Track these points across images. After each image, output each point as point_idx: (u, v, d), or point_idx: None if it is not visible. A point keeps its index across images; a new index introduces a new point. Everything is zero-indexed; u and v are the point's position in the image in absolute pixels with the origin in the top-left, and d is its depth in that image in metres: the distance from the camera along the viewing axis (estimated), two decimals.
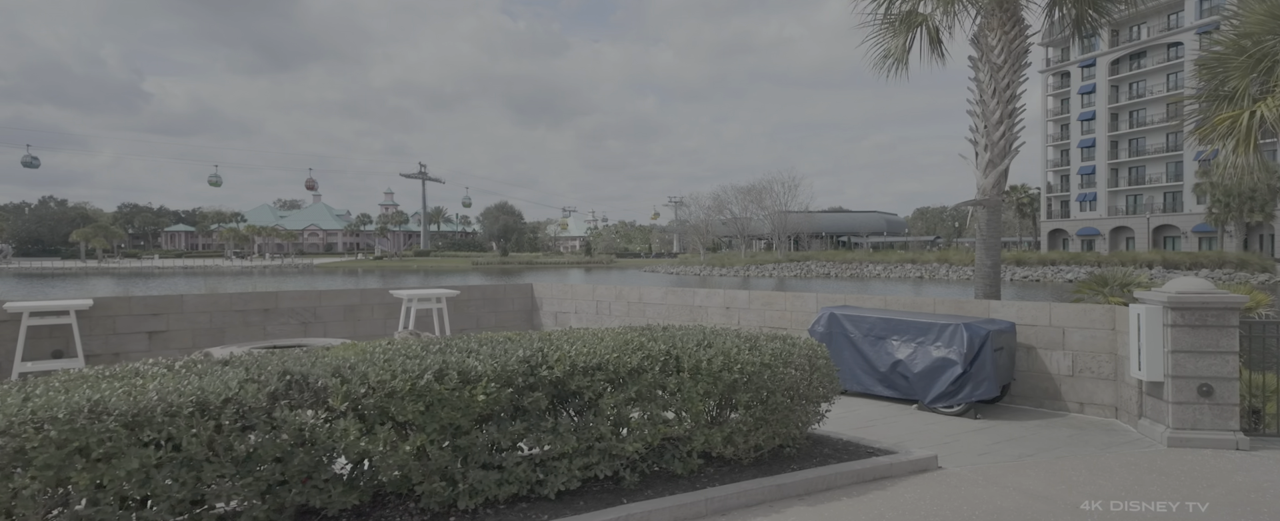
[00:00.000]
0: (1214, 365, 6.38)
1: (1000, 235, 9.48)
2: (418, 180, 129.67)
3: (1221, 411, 6.38)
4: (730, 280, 71.22)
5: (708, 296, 10.47)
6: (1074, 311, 7.64)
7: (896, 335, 7.92)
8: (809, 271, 74.78)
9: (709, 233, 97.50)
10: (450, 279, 73.77)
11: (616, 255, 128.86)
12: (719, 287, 10.33)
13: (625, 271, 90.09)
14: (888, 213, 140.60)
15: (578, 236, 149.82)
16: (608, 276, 79.48)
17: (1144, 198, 76.04)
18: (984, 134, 9.36)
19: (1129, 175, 77.60)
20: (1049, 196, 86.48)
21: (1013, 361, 7.86)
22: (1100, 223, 78.80)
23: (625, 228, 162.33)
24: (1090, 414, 7.53)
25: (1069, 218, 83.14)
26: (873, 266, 73.43)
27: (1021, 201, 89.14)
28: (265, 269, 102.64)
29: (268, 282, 72.15)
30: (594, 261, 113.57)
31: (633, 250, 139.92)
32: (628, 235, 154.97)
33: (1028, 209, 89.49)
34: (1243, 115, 7.52)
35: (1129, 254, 65.34)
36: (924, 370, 7.59)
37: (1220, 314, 6.36)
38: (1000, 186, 9.33)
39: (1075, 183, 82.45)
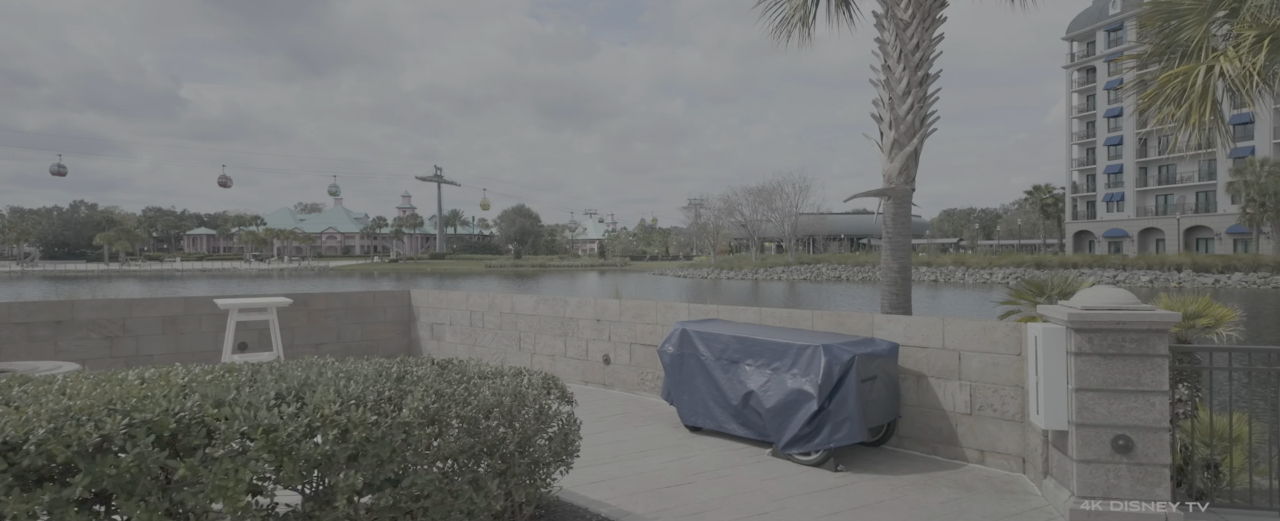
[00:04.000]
0: (1134, 409, 4.59)
1: (910, 233, 7.69)
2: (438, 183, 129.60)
3: (1144, 474, 4.58)
4: (738, 283, 69.25)
5: (579, 307, 8.84)
6: (971, 331, 5.87)
7: (750, 358, 6.22)
8: (820, 274, 72.41)
9: (722, 235, 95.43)
10: (463, 282, 72.91)
11: (632, 258, 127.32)
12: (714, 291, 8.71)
13: (636, 275, 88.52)
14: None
15: (595, 239, 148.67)
16: (617, 280, 78.00)
17: (1174, 197, 72.40)
18: (888, 108, 7.59)
19: (1159, 174, 74.01)
20: (1075, 197, 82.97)
21: (897, 393, 6.11)
22: (1128, 224, 75.24)
23: (645, 230, 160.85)
24: (992, 465, 5.75)
25: (1095, 219, 79.60)
26: None
27: (1046, 202, 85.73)
28: (282, 271, 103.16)
29: (279, 285, 72.03)
30: (608, 264, 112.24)
31: (650, 253, 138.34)
32: (646, 238, 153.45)
33: (1052, 210, 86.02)
34: (1196, 72, 5.69)
35: (1157, 257, 62.03)
36: (777, 404, 5.87)
37: (1142, 338, 4.57)
38: (909, 172, 7.55)
39: (1102, 182, 78.93)
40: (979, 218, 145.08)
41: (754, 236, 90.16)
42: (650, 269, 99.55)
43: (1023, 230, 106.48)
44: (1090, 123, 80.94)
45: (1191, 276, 56.02)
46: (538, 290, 57.93)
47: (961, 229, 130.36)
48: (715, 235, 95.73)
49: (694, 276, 78.41)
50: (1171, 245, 70.27)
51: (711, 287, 62.53)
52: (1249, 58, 5.39)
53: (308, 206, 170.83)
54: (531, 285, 64.99)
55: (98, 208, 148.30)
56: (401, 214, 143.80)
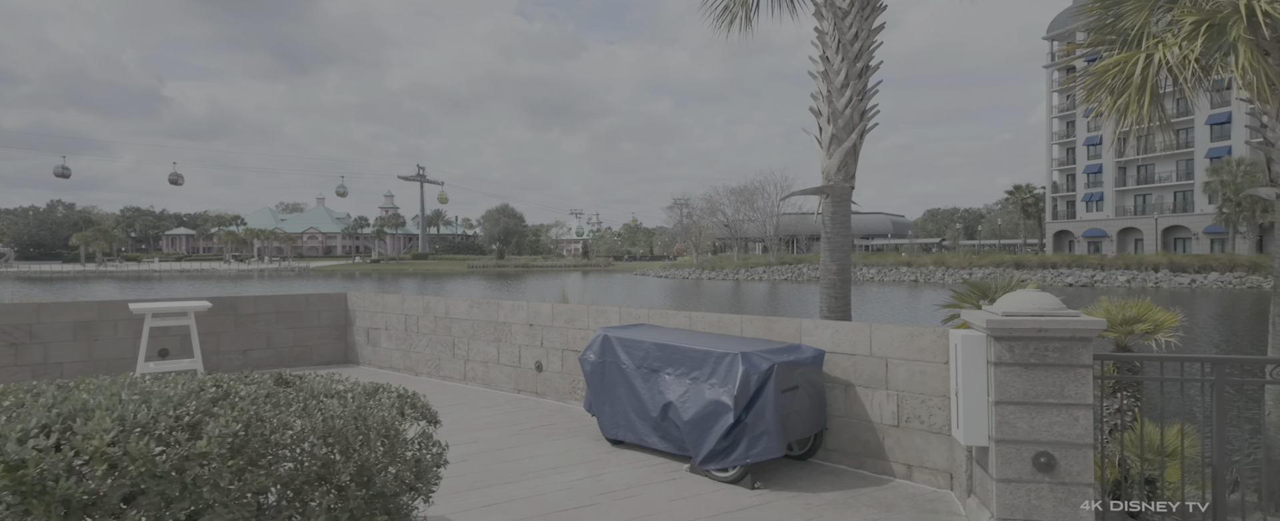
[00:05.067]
0: (1057, 424, 4.24)
1: (850, 233, 7.34)
2: (420, 183, 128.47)
3: (1067, 494, 4.23)
4: (720, 284, 69.02)
5: (512, 311, 8.43)
6: (898, 337, 5.51)
7: (671, 367, 5.83)
8: (801, 275, 72.30)
9: (704, 235, 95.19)
10: (445, 282, 72.19)
11: (615, 258, 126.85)
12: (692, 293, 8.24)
13: (618, 276, 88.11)
14: (895, 214, 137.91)
15: (580, 240, 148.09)
16: (599, 281, 77.66)
17: (1152, 197, 72.92)
18: (827, 101, 7.23)
19: (1137, 174, 74.51)
20: (1055, 196, 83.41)
21: (822, 403, 5.75)
22: (1107, 223, 75.71)
23: (630, 230, 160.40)
24: (920, 480, 5.40)
25: (1075, 219, 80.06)
26: (867, 270, 70.90)
27: (1026, 202, 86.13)
28: (262, 272, 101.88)
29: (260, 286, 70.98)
30: (591, 264, 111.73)
31: (634, 252, 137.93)
32: (631, 238, 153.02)
33: (1033, 209, 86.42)
34: (1134, 61, 5.37)
35: (1135, 256, 62.36)
36: (695, 417, 5.49)
37: (1065, 346, 4.22)
38: (848, 169, 7.19)
39: (1082, 182, 79.37)
40: (962, 217, 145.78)
41: (737, 236, 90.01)
42: (634, 269, 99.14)
43: (1004, 230, 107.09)
44: (1070, 122, 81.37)
45: (1168, 276, 56.35)
46: (520, 290, 57.42)
47: (945, 229, 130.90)
48: (697, 235, 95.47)
49: (676, 277, 78.10)
50: (1150, 245, 70.74)
51: (693, 288, 62.23)
52: (1187, 45, 5.07)
53: (289, 206, 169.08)
54: (514, 286, 64.41)
55: (75, 207, 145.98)
56: (384, 214, 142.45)
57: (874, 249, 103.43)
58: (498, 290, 53.96)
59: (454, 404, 7.78)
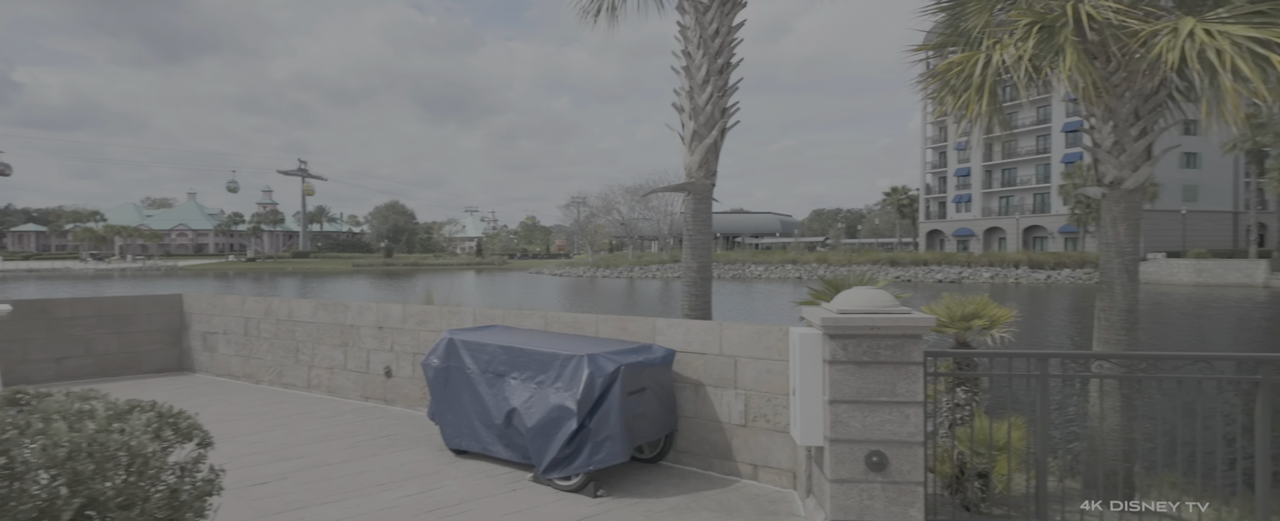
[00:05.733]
0: (889, 422, 4.17)
1: (710, 230, 7.20)
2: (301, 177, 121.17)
3: (898, 493, 4.17)
4: (614, 282, 69.06)
5: (360, 314, 7.75)
6: (746, 335, 5.36)
7: (517, 371, 5.44)
8: None
9: (600, 233, 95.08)
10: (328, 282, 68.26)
11: (511, 256, 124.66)
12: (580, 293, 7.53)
13: (513, 274, 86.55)
14: (783, 214, 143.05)
15: (475, 237, 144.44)
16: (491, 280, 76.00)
17: (1015, 199, 78.98)
18: (689, 97, 7.06)
19: (1001, 177, 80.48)
20: (928, 198, 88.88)
21: (672, 405, 5.53)
22: (975, 223, 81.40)
23: (527, 228, 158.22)
24: (765, 480, 5.27)
25: (946, 219, 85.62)
26: (755, 267, 72.99)
27: (902, 203, 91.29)
28: (124, 271, 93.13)
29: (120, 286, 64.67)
30: (485, 263, 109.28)
31: (531, 251, 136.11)
32: (528, 236, 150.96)
33: (908, 210, 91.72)
34: (974, 61, 5.45)
35: (999, 254, 67.31)
36: (539, 423, 5.12)
37: (897, 344, 4.15)
38: (709, 166, 7.05)
39: (952, 184, 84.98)
40: (845, 217, 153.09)
41: (633, 235, 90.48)
42: (529, 267, 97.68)
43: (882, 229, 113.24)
44: (942, 127, 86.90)
45: (1027, 273, 61.14)
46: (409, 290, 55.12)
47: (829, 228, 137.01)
48: (593, 234, 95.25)
49: (570, 275, 77.51)
50: (1012, 243, 76.62)
51: (586, 287, 61.90)
52: (1020, 45, 5.17)
53: (157, 202, 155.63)
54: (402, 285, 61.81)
55: None
56: (263, 210, 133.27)
57: (763, 247, 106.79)
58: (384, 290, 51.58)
59: (290, 415, 7.06)
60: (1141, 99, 5.40)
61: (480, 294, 49.99)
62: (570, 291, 53.14)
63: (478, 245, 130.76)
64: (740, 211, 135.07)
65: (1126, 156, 5.48)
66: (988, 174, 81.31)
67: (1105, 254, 5.71)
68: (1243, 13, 4.64)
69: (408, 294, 48.88)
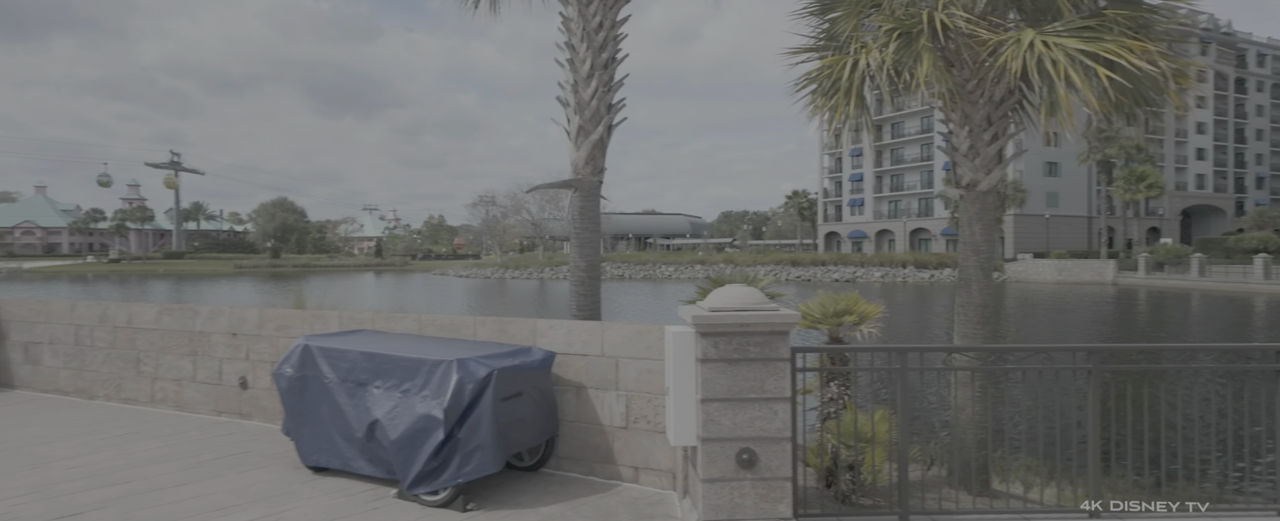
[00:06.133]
0: (759, 419, 4.20)
1: (598, 228, 7.14)
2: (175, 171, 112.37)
3: (768, 489, 4.22)
4: (524, 283, 68.07)
5: (212, 319, 7.16)
6: (627, 335, 5.31)
7: (380, 379, 5.14)
8: (603, 273, 73.08)
9: (509, 233, 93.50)
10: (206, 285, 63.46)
11: (416, 257, 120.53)
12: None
13: (415, 275, 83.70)
14: (693, 215, 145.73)
15: (374, 237, 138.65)
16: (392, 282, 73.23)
17: (902, 203, 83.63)
18: (573, 91, 6.97)
19: (891, 182, 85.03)
20: (825, 201, 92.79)
21: (553, 408, 5.40)
22: (867, 225, 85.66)
23: (432, 227, 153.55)
24: (646, 482, 5.23)
25: (842, 221, 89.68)
26: (665, 267, 73.88)
27: (802, 206, 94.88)
28: None
29: None
30: (386, 264, 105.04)
31: (436, 251, 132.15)
32: (433, 236, 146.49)
33: (808, 213, 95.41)
34: (843, 65, 5.64)
35: (889, 255, 71.06)
36: (404, 434, 4.86)
37: (766, 340, 4.20)
38: (596, 162, 6.98)
39: (847, 189, 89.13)
40: (751, 219, 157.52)
41: (544, 235, 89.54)
42: (433, 268, 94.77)
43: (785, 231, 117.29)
44: (838, 134, 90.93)
45: (914, 272, 64.79)
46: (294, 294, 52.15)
47: (736, 229, 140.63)
48: (502, 233, 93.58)
49: (478, 276, 75.77)
50: (900, 244, 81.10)
51: (495, 288, 60.70)
52: (883, 51, 5.37)
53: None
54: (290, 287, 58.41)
55: None
56: (128, 205, 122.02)
57: (674, 248, 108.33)
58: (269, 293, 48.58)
59: (125, 433, 6.42)
60: (993, 106, 5.74)
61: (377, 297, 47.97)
62: (476, 293, 51.88)
63: (377, 245, 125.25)
64: (652, 213, 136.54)
65: (980, 160, 5.81)
66: (878, 179, 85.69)
67: (963, 252, 6.03)
68: (1075, 27, 5.01)
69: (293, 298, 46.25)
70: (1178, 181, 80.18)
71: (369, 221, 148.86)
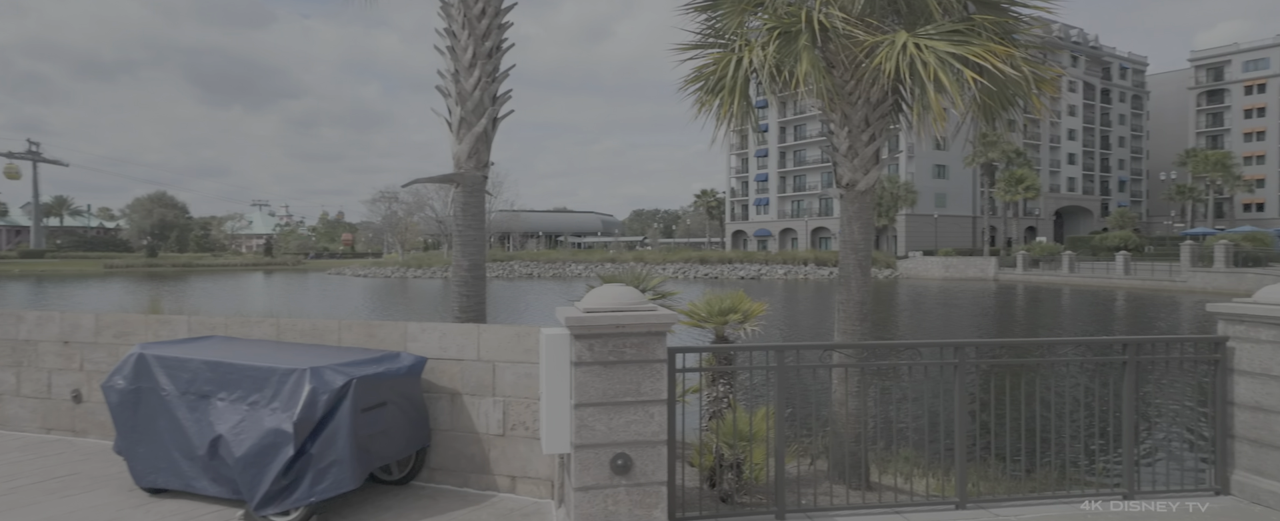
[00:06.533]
0: (634, 423, 4.06)
1: (483, 225, 6.83)
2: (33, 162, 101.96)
3: (643, 495, 4.08)
4: (428, 282, 65.92)
5: (40, 326, 6.36)
6: (505, 339, 5.06)
7: (226, 391, 4.67)
8: (512, 272, 72.43)
9: (412, 231, 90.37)
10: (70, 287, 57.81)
11: (311, 255, 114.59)
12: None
13: (310, 275, 79.55)
14: (605, 214, 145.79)
15: (265, 234, 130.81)
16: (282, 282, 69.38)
17: (804, 203, 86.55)
18: (454, 80, 6.64)
19: (794, 183, 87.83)
20: (732, 201, 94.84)
21: (424, 417, 5.08)
22: (772, 224, 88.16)
23: (327, 224, 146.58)
24: (524, 492, 5.01)
25: (748, 220, 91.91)
26: (576, 266, 73.44)
27: (711, 205, 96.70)
28: None
29: None
30: (276, 263, 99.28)
31: (333, 250, 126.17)
32: (330, 233, 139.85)
33: (716, 211, 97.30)
34: (727, 63, 5.59)
35: (792, 253, 73.33)
36: (251, 451, 4.42)
37: (642, 342, 4.05)
38: (480, 156, 6.68)
39: (753, 189, 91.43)
40: (662, 218, 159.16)
41: (449, 233, 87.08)
42: (329, 268, 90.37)
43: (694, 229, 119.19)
44: (745, 136, 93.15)
45: (815, 270, 67.14)
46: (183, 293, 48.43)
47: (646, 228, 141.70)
48: (403, 231, 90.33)
49: (377, 276, 72.78)
50: (803, 243, 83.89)
51: (397, 288, 58.47)
52: (764, 49, 5.35)
53: None
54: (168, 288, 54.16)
55: None
56: None
57: (585, 246, 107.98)
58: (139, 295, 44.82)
59: None
60: (871, 107, 5.84)
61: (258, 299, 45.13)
62: (374, 294, 49.74)
63: (267, 243, 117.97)
64: (563, 211, 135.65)
65: (859, 160, 5.90)
66: (782, 180, 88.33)
67: (842, 251, 6.12)
68: (946, 31, 5.15)
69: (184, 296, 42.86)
70: (1052, 184, 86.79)
71: (259, 218, 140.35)
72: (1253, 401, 4.61)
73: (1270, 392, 4.50)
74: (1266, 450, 4.54)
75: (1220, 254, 42.29)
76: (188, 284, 61.20)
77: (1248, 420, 4.65)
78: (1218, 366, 4.79)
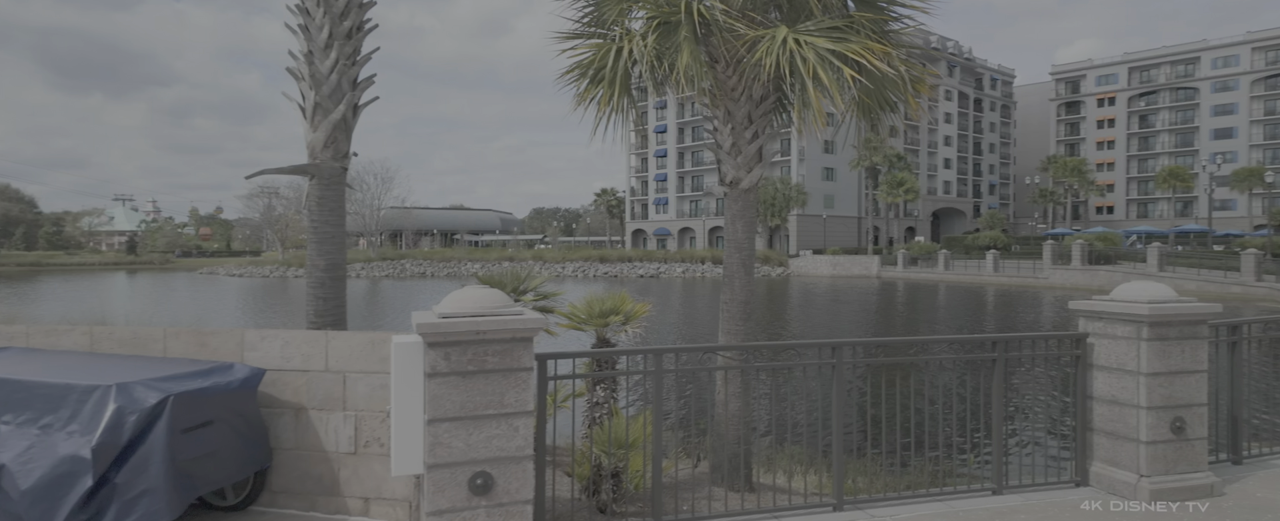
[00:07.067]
0: (497, 437, 3.70)
1: (342, 222, 6.25)
2: None
3: (506, 516, 3.72)
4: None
5: None
6: (358, 347, 4.58)
7: (10, 413, 3.95)
8: (404, 271, 69.69)
9: (292, 228, 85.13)
10: None
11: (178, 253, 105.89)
12: None
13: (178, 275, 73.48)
14: (504, 212, 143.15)
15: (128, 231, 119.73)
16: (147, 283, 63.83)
17: (702, 202, 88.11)
18: (309, 61, 6.02)
19: (692, 182, 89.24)
20: (632, 200, 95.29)
21: (261, 436, 4.51)
22: (671, 223, 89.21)
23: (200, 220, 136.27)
24: (378, 515, 4.55)
25: (648, 219, 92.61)
26: (472, 265, 71.50)
27: (611, 204, 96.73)
28: None
29: None
30: (141, 262, 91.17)
31: (207, 248, 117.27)
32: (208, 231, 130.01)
33: (617, 210, 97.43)
34: (608, 52, 5.32)
35: (691, 251, 74.43)
36: (41, 482, 3.74)
37: (506, 349, 3.70)
38: (339, 146, 6.09)
39: (652, 188, 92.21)
40: (562, 216, 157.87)
41: None
42: (201, 267, 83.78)
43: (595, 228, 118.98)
44: (644, 135, 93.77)
45: (712, 268, 68.42)
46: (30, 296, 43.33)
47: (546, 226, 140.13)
48: (283, 228, 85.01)
49: (254, 276, 68.08)
50: (701, 241, 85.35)
51: (274, 288, 54.85)
52: (645, 40, 5.12)
53: None
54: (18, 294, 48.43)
55: None
56: None
57: (483, 244, 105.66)
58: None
59: None
60: (753, 104, 5.73)
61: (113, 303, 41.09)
62: (248, 295, 46.38)
63: (130, 241, 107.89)
64: (460, 208, 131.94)
65: (742, 158, 5.78)
66: (681, 179, 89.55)
67: (727, 250, 5.99)
68: (825, 27, 5.08)
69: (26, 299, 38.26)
70: (929, 187, 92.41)
71: (121, 213, 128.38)
72: (1109, 395, 4.79)
73: (1125, 387, 4.69)
74: (1121, 441, 4.73)
75: (1077, 253, 46.29)
76: (33, 285, 55.07)
77: (1105, 413, 4.84)
78: (1079, 362, 4.96)
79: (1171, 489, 4.57)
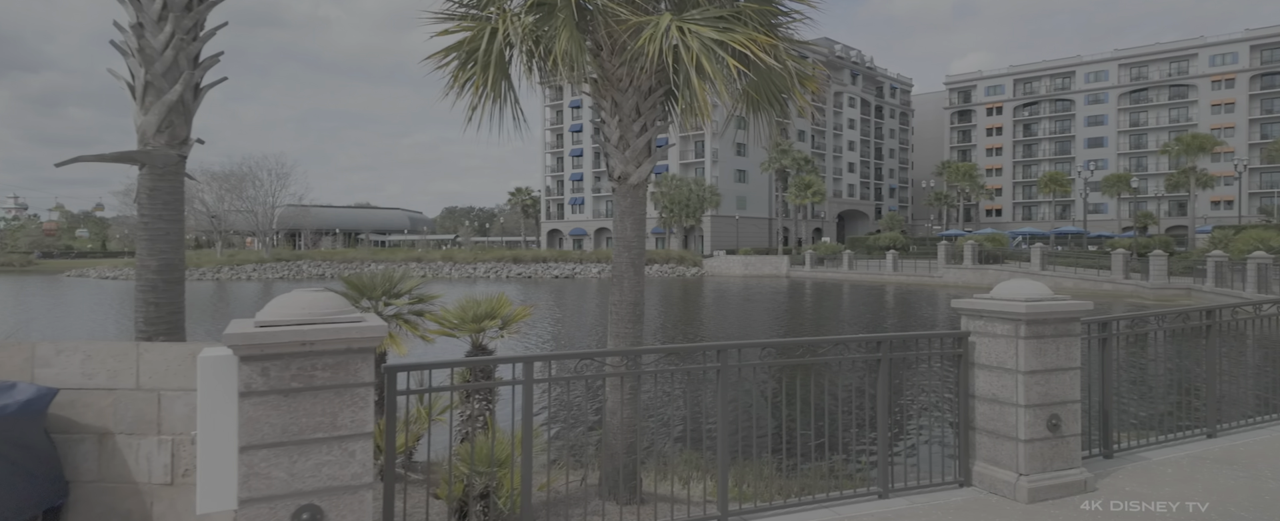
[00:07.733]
0: (328, 465, 3.21)
1: (179, 218, 5.51)
2: None
3: None
4: (197, 284, 58.14)
5: None
6: (177, 359, 3.96)
7: None
8: (300, 272, 66.20)
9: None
10: None
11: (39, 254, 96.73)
12: None
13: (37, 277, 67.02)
14: (413, 210, 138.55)
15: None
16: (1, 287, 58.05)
17: None
18: (136, 35, 5.28)
19: (608, 182, 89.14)
20: (548, 199, 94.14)
21: (56, 467, 3.83)
22: (587, 223, 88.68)
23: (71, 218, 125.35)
24: None
25: (564, 219, 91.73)
26: (375, 266, 68.59)
27: (526, 203, 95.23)
28: None
29: None
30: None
31: (81, 247, 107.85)
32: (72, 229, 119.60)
33: (532, 210, 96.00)
34: (483, 33, 4.87)
35: (607, 251, 74.10)
36: None
37: (340, 361, 3.21)
38: (176, 131, 5.37)
39: (568, 188, 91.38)
40: (476, 216, 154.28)
41: (223, 230, 77.68)
42: (69, 269, 76.75)
43: (510, 228, 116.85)
44: (560, 134, 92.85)
45: None
46: None
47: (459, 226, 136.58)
48: None
49: (129, 278, 62.89)
50: None
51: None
52: (521, 19, 4.71)
53: None
54: None
55: None
56: None
57: (390, 244, 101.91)
58: None
59: None
60: (642, 96, 5.42)
61: None
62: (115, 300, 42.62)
63: None
64: (365, 206, 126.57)
65: (631, 152, 5.47)
66: (597, 179, 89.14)
67: (615, 249, 5.67)
68: (712, 16, 4.83)
69: None
70: (835, 189, 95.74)
71: None
72: (990, 394, 4.75)
73: (1004, 385, 4.65)
74: (1001, 440, 4.69)
75: (968, 253, 48.91)
76: None
77: (986, 412, 4.79)
78: (961, 360, 4.90)
79: (1048, 486, 4.56)
